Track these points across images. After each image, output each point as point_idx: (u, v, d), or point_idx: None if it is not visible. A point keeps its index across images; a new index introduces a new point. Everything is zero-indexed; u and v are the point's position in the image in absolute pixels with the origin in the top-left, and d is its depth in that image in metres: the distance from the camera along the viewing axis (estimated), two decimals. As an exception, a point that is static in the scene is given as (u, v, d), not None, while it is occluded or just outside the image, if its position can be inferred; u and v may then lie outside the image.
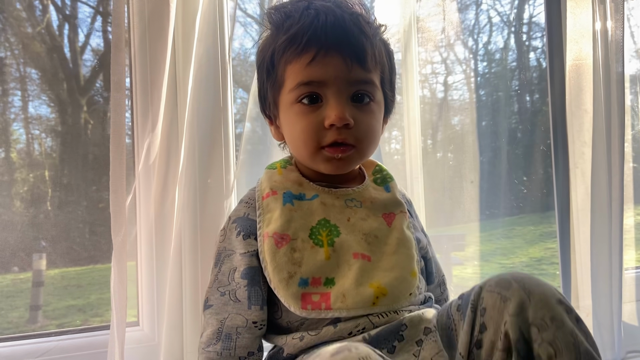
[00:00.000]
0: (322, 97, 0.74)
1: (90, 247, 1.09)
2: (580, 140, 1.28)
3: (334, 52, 0.73)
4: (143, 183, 0.97)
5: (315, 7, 0.75)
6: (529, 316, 0.60)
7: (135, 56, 0.98)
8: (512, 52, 1.48)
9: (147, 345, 0.98)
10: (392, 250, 0.76)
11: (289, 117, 0.77)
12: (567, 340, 0.58)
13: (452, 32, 1.30)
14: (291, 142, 0.80)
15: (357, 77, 0.74)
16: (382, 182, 0.86)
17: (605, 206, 1.23)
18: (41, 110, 1.10)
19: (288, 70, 0.75)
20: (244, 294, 0.74)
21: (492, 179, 1.35)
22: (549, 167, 1.34)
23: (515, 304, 0.61)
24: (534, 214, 1.42)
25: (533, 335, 0.59)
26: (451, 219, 1.24)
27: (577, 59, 1.28)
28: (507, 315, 0.61)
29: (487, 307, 0.64)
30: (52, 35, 1.10)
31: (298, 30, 0.73)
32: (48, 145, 1.11)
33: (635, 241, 1.41)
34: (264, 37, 0.82)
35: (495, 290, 0.64)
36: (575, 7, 1.28)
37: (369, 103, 0.77)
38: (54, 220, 1.06)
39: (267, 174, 0.82)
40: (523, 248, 1.48)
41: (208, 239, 0.98)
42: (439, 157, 1.29)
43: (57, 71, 1.09)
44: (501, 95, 1.38)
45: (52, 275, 1.06)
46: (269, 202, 0.77)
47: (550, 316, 0.59)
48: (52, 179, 1.08)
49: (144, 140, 0.94)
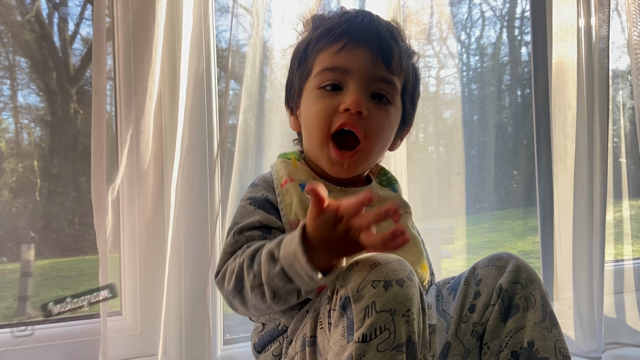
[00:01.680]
0: (344, 86, 0.77)
1: (79, 238, 1.09)
2: (564, 134, 1.29)
3: (363, 44, 0.77)
4: (127, 175, 0.97)
5: (356, 10, 0.82)
6: (518, 276, 0.77)
7: (119, 47, 0.98)
8: (504, 47, 1.48)
9: (129, 334, 0.99)
10: (402, 247, 0.78)
11: (308, 100, 0.80)
12: (540, 300, 0.76)
13: (445, 25, 1.30)
14: (306, 128, 0.81)
15: (380, 74, 0.77)
16: (387, 184, 0.89)
17: (587, 200, 1.25)
18: (30, 100, 1.09)
19: (318, 58, 0.79)
20: (256, 233, 0.73)
21: (482, 173, 1.35)
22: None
23: (511, 267, 0.78)
24: (523, 208, 1.43)
25: (516, 290, 0.77)
26: (439, 212, 1.24)
27: (561, 55, 1.29)
28: (503, 277, 0.77)
29: (483, 278, 0.80)
30: (41, 23, 1.09)
31: (335, 24, 0.79)
32: (37, 135, 1.10)
33: (615, 236, 1.43)
34: (302, 37, 0.85)
35: (489, 265, 0.80)
36: (560, 3, 1.29)
37: (387, 104, 0.79)
38: (42, 211, 1.06)
39: (283, 162, 0.83)
40: (511, 241, 1.50)
41: (194, 231, 0.99)
42: (431, 150, 1.30)
43: (46, 60, 1.08)
44: (492, 89, 1.39)
45: (41, 266, 1.06)
46: (288, 189, 0.78)
47: (531, 279, 0.77)
48: (41, 169, 1.08)
49: (127, 131, 0.94)
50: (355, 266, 0.60)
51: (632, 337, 1.30)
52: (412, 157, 1.19)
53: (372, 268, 0.58)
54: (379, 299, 0.56)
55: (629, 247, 1.43)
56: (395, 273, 0.58)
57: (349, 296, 0.58)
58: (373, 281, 0.57)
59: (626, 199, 1.43)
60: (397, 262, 0.60)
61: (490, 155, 1.35)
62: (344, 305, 0.58)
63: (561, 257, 1.29)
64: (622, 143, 1.45)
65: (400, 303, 0.56)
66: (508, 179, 1.42)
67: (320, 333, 0.64)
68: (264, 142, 1.08)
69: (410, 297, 0.57)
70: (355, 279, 0.58)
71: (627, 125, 1.47)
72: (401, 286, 0.57)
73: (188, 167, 1.00)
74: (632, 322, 1.34)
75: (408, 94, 0.84)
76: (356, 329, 0.56)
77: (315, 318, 0.65)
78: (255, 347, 0.79)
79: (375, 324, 0.55)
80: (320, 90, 0.78)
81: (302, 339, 0.67)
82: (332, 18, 0.81)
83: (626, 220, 1.44)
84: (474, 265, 0.82)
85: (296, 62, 0.83)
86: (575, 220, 1.27)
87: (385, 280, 0.57)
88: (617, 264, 1.40)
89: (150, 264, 0.98)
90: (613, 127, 1.43)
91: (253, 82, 1.06)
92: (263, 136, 1.08)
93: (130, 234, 0.98)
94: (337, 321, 0.59)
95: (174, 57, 0.98)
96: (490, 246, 1.46)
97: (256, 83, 1.07)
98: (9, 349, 0.91)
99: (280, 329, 0.74)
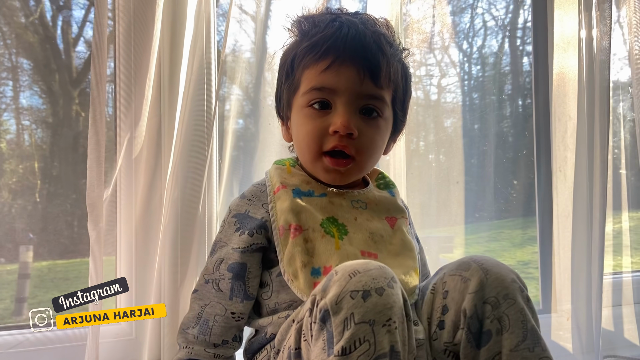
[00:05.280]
0: (332, 105, 0.77)
1: (78, 241, 1.08)
2: (564, 145, 1.29)
3: (349, 63, 0.75)
4: (124, 177, 0.97)
5: (341, 20, 0.78)
6: (485, 294, 0.67)
7: (120, 49, 0.98)
8: (506, 56, 1.48)
9: (124, 339, 0.98)
10: (397, 251, 0.79)
11: (298, 119, 0.80)
12: (517, 317, 0.66)
13: (447, 34, 1.31)
14: (297, 144, 0.82)
15: (368, 91, 0.77)
16: (385, 187, 0.89)
17: (586, 211, 1.25)
18: (32, 101, 1.10)
19: (304, 75, 0.78)
20: (227, 285, 0.77)
21: (481, 182, 1.35)
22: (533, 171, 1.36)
23: (475, 283, 0.67)
24: (522, 218, 1.43)
25: (486, 313, 0.66)
26: (438, 221, 1.24)
27: (562, 66, 1.29)
28: (467, 294, 0.68)
29: (449, 290, 0.71)
30: (45, 25, 1.10)
31: (319, 39, 0.77)
32: (38, 137, 1.10)
33: (614, 247, 1.43)
34: (290, 42, 0.84)
35: (456, 273, 0.71)
36: (562, 14, 1.29)
37: (377, 118, 0.79)
38: (42, 213, 1.06)
39: (277, 169, 0.83)
40: (510, 251, 1.49)
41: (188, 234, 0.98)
42: (431, 158, 1.30)
43: (49, 62, 1.09)
44: (494, 99, 1.39)
45: (39, 268, 1.06)
46: (280, 195, 0.79)
47: (504, 294, 0.67)
48: (42, 170, 1.08)
49: (126, 134, 0.94)
50: (334, 276, 0.59)
51: (629, 350, 1.29)
52: (412, 165, 1.19)
53: (350, 277, 0.57)
54: (358, 310, 0.55)
55: (628, 259, 1.43)
56: (375, 281, 0.57)
57: (327, 309, 0.57)
58: (351, 291, 0.56)
59: (626, 211, 1.43)
60: (377, 269, 0.59)
61: (490, 164, 1.35)
62: (324, 318, 0.57)
63: (560, 268, 1.28)
64: (622, 155, 1.45)
65: (379, 313, 0.56)
66: (507, 188, 1.42)
67: (304, 345, 0.63)
68: (264, 147, 1.08)
69: (390, 306, 0.56)
70: (333, 290, 0.57)
71: (628, 137, 1.47)
72: (380, 295, 0.56)
73: (184, 171, 0.99)
74: (630, 335, 1.33)
75: (399, 102, 0.83)
76: (336, 342, 0.55)
77: (299, 330, 0.64)
78: (247, 353, 0.80)
79: (354, 336, 0.54)
80: (308, 108, 0.78)
81: (287, 351, 0.67)
82: (319, 26, 0.79)
83: (625, 232, 1.43)
84: (442, 268, 0.76)
85: (284, 74, 0.83)
86: (575, 231, 1.26)
87: (364, 290, 0.56)
88: (616, 276, 1.40)
89: (145, 268, 0.98)
90: (613, 138, 1.43)
91: (255, 87, 1.07)
92: (262, 142, 1.08)
93: (127, 237, 0.98)
94: (317, 334, 0.58)
95: (174, 60, 0.98)
96: (498, 254, 1.45)
97: (258, 88, 1.07)
98: (3, 351, 0.91)
99: (268, 337, 0.75)
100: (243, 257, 0.77)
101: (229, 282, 0.77)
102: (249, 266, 0.77)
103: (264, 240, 0.77)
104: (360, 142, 0.77)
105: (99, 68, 0.85)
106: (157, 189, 0.98)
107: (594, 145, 1.23)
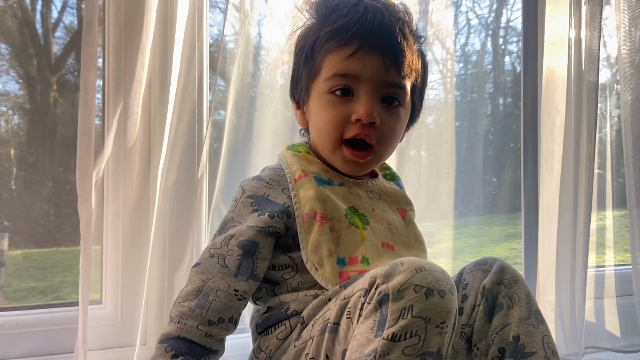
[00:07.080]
0: (354, 92, 0.77)
1: (54, 229, 1.07)
2: (552, 138, 1.31)
3: (375, 50, 0.75)
4: (112, 161, 0.96)
5: (364, 5, 0.77)
6: (501, 277, 0.79)
7: (109, 36, 0.97)
8: (489, 55, 1.50)
9: (109, 323, 0.98)
10: (410, 244, 0.82)
11: (318, 105, 0.79)
12: (524, 298, 0.77)
13: (431, 31, 1.31)
14: (316, 131, 0.81)
15: (392, 79, 0.77)
16: (391, 179, 0.90)
17: (572, 204, 1.27)
18: (9, 87, 1.07)
19: (327, 60, 0.77)
20: (234, 261, 0.73)
21: (467, 179, 1.37)
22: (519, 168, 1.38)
23: (496, 268, 0.79)
24: (508, 212, 1.45)
25: (500, 291, 0.78)
26: (425, 216, 1.26)
27: (551, 65, 1.31)
28: (488, 276, 0.79)
29: (469, 282, 0.81)
30: (24, 9, 1.07)
31: (344, 24, 0.75)
32: (15, 123, 1.08)
33: (597, 241, 1.46)
34: (307, 25, 0.83)
35: (475, 269, 0.82)
36: (552, 13, 1.31)
37: (398, 107, 0.79)
38: (18, 200, 1.04)
39: (294, 156, 0.82)
40: (489, 247, 1.51)
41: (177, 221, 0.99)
42: (412, 154, 1.31)
43: (27, 47, 1.06)
44: (475, 97, 1.40)
45: (14, 256, 1.04)
46: (303, 183, 0.78)
47: (515, 280, 0.78)
48: (18, 157, 1.06)
49: (115, 122, 0.93)
50: (399, 266, 0.60)
51: (610, 342, 1.32)
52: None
53: (417, 272, 0.59)
54: (418, 304, 0.57)
55: (611, 253, 1.45)
56: (439, 283, 0.58)
57: (388, 293, 0.58)
58: (416, 285, 0.58)
59: (610, 207, 1.46)
60: (441, 272, 0.60)
61: (478, 159, 1.37)
62: (381, 301, 0.58)
63: (544, 259, 1.31)
64: (607, 151, 1.48)
65: (437, 314, 0.57)
66: (493, 183, 1.43)
67: (344, 322, 0.63)
68: (250, 138, 1.08)
69: (448, 310, 0.58)
70: (399, 278, 0.58)
71: (613, 134, 1.49)
72: (442, 297, 0.58)
73: (175, 157, 0.99)
74: (611, 327, 1.36)
75: (417, 91, 0.84)
76: (387, 327, 0.56)
77: (343, 306, 0.65)
78: (257, 328, 0.78)
79: (407, 327, 0.56)
80: (330, 95, 0.77)
81: (322, 324, 0.67)
82: (341, 10, 0.77)
83: (609, 227, 1.46)
84: (461, 271, 0.84)
85: (302, 58, 0.81)
86: (560, 223, 1.29)
87: (428, 288, 0.58)
88: (599, 269, 1.43)
89: (132, 252, 0.97)
90: (599, 134, 1.46)
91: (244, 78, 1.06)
92: (253, 131, 1.08)
93: (114, 223, 0.97)
94: (369, 314, 0.59)
95: (166, 44, 0.97)
96: (469, 251, 1.47)
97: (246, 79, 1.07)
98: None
99: (290, 313, 0.74)
100: (258, 236, 0.74)
101: (237, 259, 0.73)
102: (261, 246, 0.74)
103: (282, 226, 0.75)
104: (381, 131, 0.77)
105: (89, 47, 0.83)
106: (146, 173, 0.98)
107: (580, 140, 1.27)
